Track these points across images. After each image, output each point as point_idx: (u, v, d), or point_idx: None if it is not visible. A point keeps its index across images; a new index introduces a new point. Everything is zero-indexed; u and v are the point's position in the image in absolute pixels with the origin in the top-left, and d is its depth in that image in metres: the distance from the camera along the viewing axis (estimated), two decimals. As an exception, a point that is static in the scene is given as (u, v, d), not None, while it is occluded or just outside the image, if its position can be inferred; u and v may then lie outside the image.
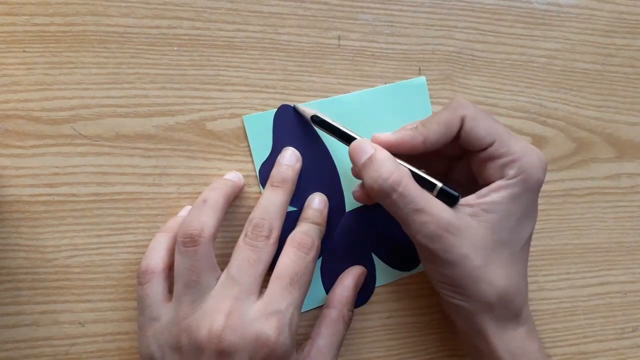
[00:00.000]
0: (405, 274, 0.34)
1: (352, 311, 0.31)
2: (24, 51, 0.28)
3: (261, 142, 0.31)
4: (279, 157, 0.31)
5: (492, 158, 0.28)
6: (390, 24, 0.34)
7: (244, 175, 0.31)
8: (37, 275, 0.29)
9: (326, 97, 0.32)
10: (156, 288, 0.27)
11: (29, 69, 0.28)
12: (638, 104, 0.39)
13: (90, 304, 0.29)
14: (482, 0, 0.35)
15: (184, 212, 0.30)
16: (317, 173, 0.32)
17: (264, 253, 0.27)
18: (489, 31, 0.35)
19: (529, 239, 0.28)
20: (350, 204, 0.33)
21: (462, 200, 0.27)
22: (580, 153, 0.37)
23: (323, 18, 0.32)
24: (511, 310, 0.27)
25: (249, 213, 0.28)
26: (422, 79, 0.34)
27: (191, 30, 0.30)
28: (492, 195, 0.27)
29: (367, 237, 0.33)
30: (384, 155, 0.27)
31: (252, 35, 0.31)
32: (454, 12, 0.35)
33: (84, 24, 0.29)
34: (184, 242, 0.26)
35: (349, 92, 0.33)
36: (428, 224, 0.26)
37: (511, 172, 0.27)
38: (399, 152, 0.28)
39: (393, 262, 0.34)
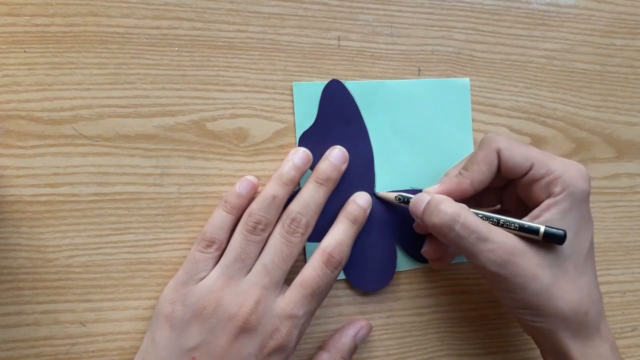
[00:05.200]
0: (424, 265, 0.34)
1: None
2: (25, 52, 0.29)
3: (306, 112, 0.32)
4: (327, 153, 0.31)
5: (535, 180, 0.28)
6: (389, 24, 0.34)
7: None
8: (38, 275, 0.29)
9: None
10: (214, 260, 0.29)
11: (29, 69, 0.29)
12: (637, 104, 0.39)
13: (91, 304, 0.29)
14: (482, 0, 0.35)
15: (241, 186, 0.30)
16: (353, 152, 0.32)
17: (296, 249, 0.29)
18: (488, 32, 0.36)
19: (591, 248, 0.29)
20: (380, 187, 0.33)
21: None
22: (579, 153, 0.37)
23: (323, 19, 0.33)
24: (590, 323, 0.28)
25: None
26: (466, 80, 0.35)
27: (191, 30, 0.31)
28: (545, 214, 0.28)
29: (391, 223, 0.33)
30: (440, 196, 0.29)
31: (252, 36, 0.31)
32: (453, 12, 0.35)
33: (84, 25, 0.29)
34: (251, 230, 0.29)
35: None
36: (495, 250, 0.27)
37: (557, 189, 0.28)
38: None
39: (414, 253, 0.34)
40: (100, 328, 0.29)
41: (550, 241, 0.27)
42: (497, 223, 0.28)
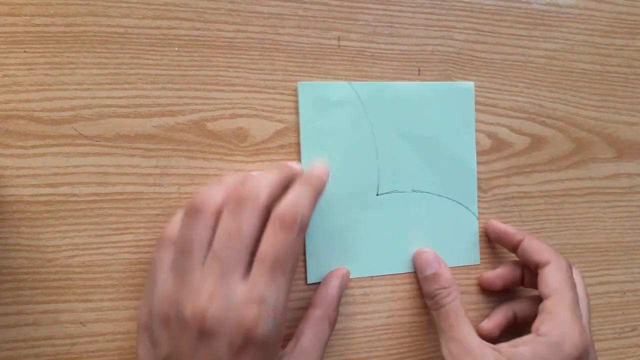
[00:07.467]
0: None
1: (337, 312, 0.31)
2: (25, 52, 0.29)
3: (310, 112, 0.32)
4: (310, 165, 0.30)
5: (541, 312, 0.30)
6: (389, 24, 0.34)
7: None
8: (38, 275, 0.29)
9: (326, 97, 0.33)
10: (165, 255, 0.27)
11: (29, 69, 0.29)
12: (637, 104, 0.39)
13: (91, 304, 0.29)
14: (482, 0, 0.35)
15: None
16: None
17: (246, 221, 0.24)
18: (488, 32, 0.36)
19: None
20: (383, 189, 0.33)
21: (495, 346, 0.29)
22: (579, 153, 0.37)
23: (323, 19, 0.33)
24: None
25: None
26: (471, 84, 0.35)
27: (191, 30, 0.31)
28: (520, 347, 0.28)
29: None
30: (448, 274, 0.32)
31: (252, 36, 0.31)
32: (453, 12, 0.35)
33: (84, 25, 0.29)
34: (188, 212, 0.26)
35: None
36: (454, 341, 0.29)
37: (543, 328, 0.28)
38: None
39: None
40: (101, 328, 0.29)
41: None
42: None
